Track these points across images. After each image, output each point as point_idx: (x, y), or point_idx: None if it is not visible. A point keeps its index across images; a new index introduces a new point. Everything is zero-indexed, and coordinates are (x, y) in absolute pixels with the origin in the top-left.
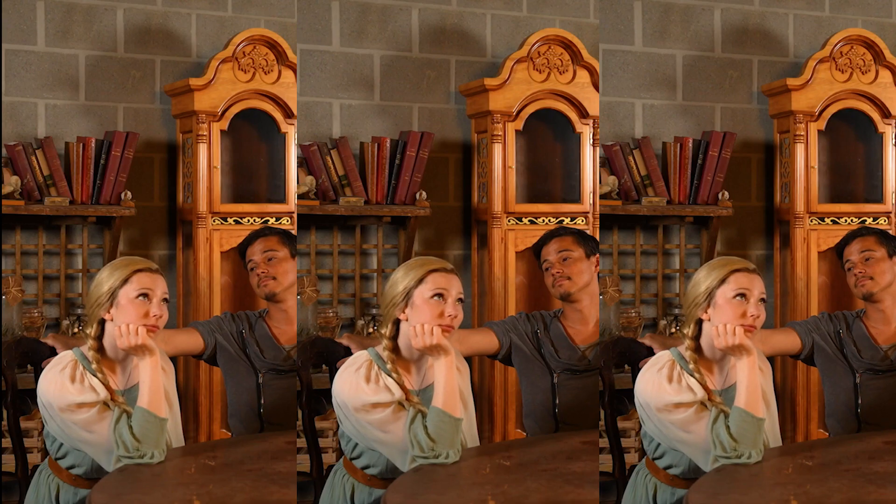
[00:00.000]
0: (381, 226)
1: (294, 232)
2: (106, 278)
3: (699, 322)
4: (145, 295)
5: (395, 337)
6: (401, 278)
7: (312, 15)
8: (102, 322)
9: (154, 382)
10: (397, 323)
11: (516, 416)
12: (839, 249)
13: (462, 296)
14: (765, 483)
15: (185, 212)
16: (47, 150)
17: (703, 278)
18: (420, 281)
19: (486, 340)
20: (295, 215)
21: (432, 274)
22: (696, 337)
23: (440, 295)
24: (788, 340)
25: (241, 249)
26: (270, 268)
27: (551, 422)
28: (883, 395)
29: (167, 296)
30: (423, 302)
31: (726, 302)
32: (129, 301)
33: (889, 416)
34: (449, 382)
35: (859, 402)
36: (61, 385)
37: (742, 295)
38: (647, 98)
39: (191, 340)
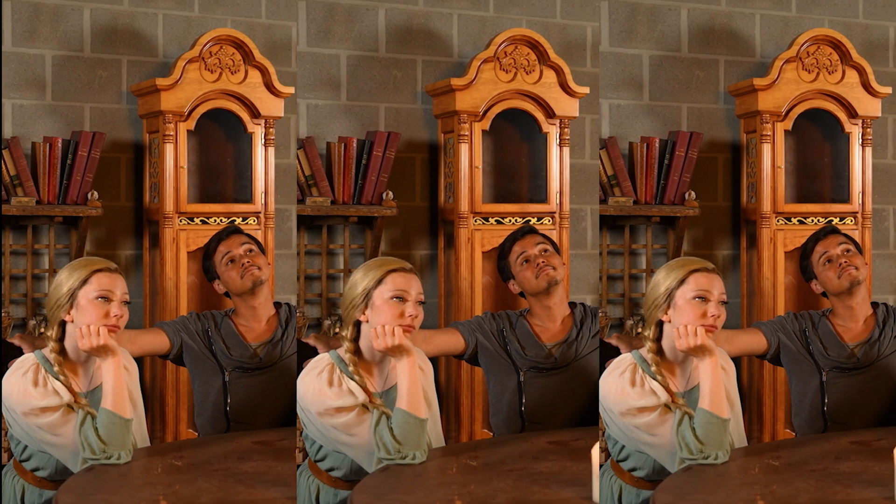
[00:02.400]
0: (348, 226)
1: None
2: (65, 279)
3: (660, 324)
4: (105, 297)
5: (356, 339)
6: (360, 279)
7: (279, 15)
8: (63, 324)
9: (117, 383)
10: (358, 325)
11: (483, 417)
12: (807, 248)
13: (422, 296)
14: (731, 483)
15: (152, 212)
16: (14, 150)
17: (663, 279)
18: (379, 282)
19: (451, 340)
20: (261, 216)
21: (391, 274)
22: (658, 339)
23: (400, 297)
24: (754, 340)
25: (210, 247)
26: (253, 258)
27: (518, 420)
28: (849, 392)
29: (127, 296)
30: (383, 303)
31: (686, 303)
32: (88, 302)
33: (855, 414)
34: (412, 383)
35: (826, 400)
36: (24, 390)
37: (702, 296)
38: (613, 98)
39: (156, 340)
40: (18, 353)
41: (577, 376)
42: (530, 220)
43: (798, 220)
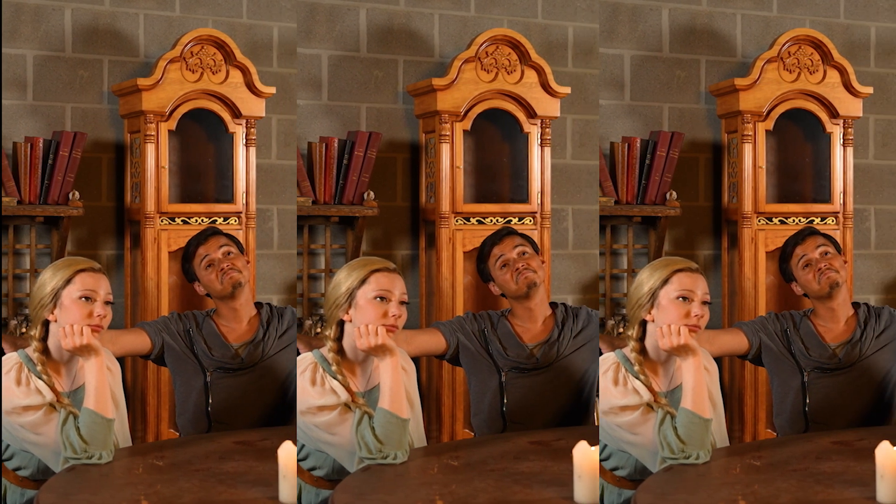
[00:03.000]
0: (329, 226)
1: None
2: (48, 279)
3: (643, 323)
4: (88, 297)
5: (339, 338)
6: (343, 279)
7: (260, 15)
8: (46, 323)
9: (100, 383)
10: (341, 324)
11: (464, 417)
12: (786, 251)
13: (406, 296)
14: (713, 483)
15: (133, 212)
16: None
17: (646, 279)
18: (363, 281)
19: (433, 340)
20: (242, 216)
21: (375, 274)
22: (641, 338)
23: (383, 296)
24: (735, 340)
25: (189, 250)
26: (232, 261)
27: (499, 421)
28: (831, 393)
29: (111, 296)
30: (367, 302)
31: (670, 302)
32: (72, 301)
33: (837, 415)
34: (395, 383)
35: (807, 400)
36: (7, 388)
37: (685, 296)
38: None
39: (137, 340)
40: (0, 352)
41: (558, 376)
42: (511, 220)
43: (779, 221)
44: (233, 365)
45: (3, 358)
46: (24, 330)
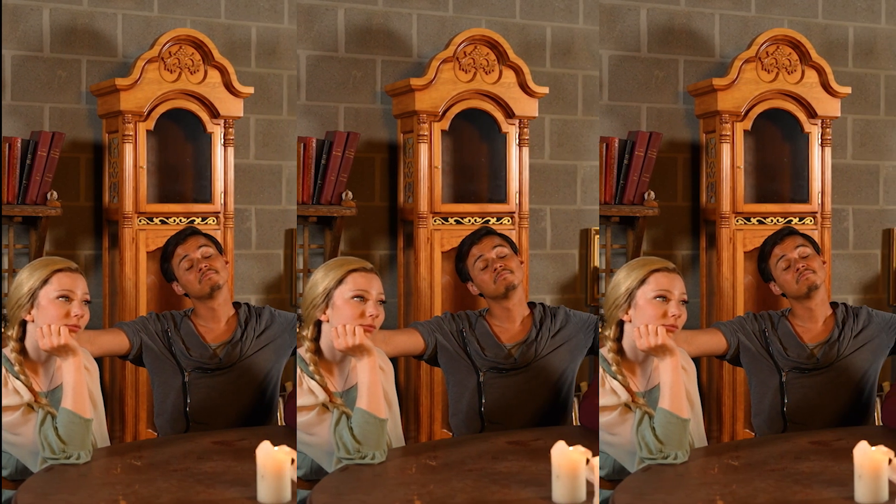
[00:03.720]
0: (307, 226)
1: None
2: (26, 279)
3: (620, 323)
4: (66, 296)
5: (316, 338)
6: (320, 279)
7: (238, 15)
8: (24, 323)
9: (78, 383)
10: (319, 324)
11: (442, 417)
12: (765, 251)
13: (383, 296)
14: (691, 483)
15: (112, 212)
16: None
17: (623, 279)
18: (340, 281)
19: (411, 341)
20: (220, 216)
21: (352, 274)
22: (618, 338)
23: (360, 296)
24: (714, 341)
25: (168, 250)
26: (210, 262)
27: (477, 421)
28: (809, 393)
29: (88, 296)
30: (344, 302)
31: (647, 302)
32: (49, 301)
33: (815, 415)
34: (373, 383)
35: (785, 401)
36: None
37: (662, 296)
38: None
39: (116, 341)
40: None
41: (536, 376)
42: (490, 220)
43: (757, 221)
44: (211, 365)
45: None
46: (2, 330)
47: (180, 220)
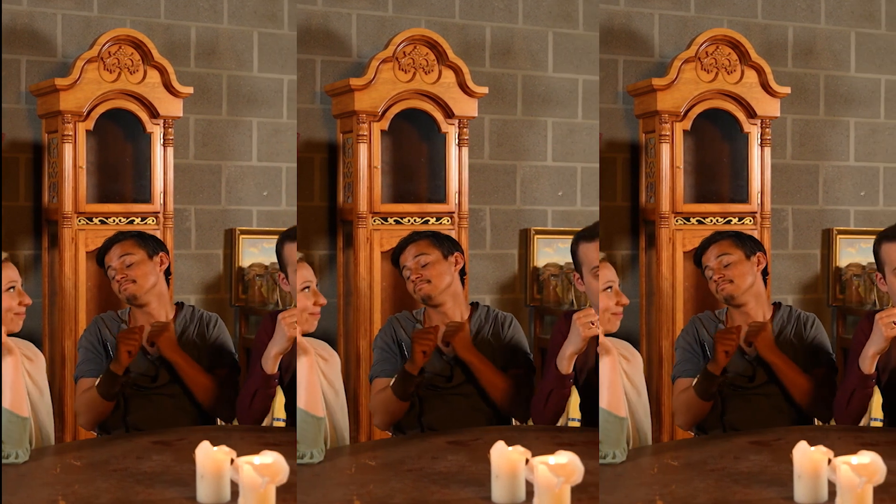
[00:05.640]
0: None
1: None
2: None
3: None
4: (13, 287)
5: None
6: None
7: (178, 15)
8: None
9: (15, 382)
10: None
11: None
12: (697, 258)
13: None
14: (630, 483)
15: (51, 211)
16: None
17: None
18: None
19: (388, 392)
20: (160, 215)
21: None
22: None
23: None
24: (692, 397)
25: (100, 258)
26: (129, 272)
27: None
28: (747, 409)
29: (13, 284)
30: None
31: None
32: None
33: (753, 421)
34: (311, 383)
35: (724, 412)
36: None
37: (610, 286)
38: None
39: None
40: None
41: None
42: (429, 220)
43: (697, 220)
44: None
45: None
46: None
47: (120, 220)
